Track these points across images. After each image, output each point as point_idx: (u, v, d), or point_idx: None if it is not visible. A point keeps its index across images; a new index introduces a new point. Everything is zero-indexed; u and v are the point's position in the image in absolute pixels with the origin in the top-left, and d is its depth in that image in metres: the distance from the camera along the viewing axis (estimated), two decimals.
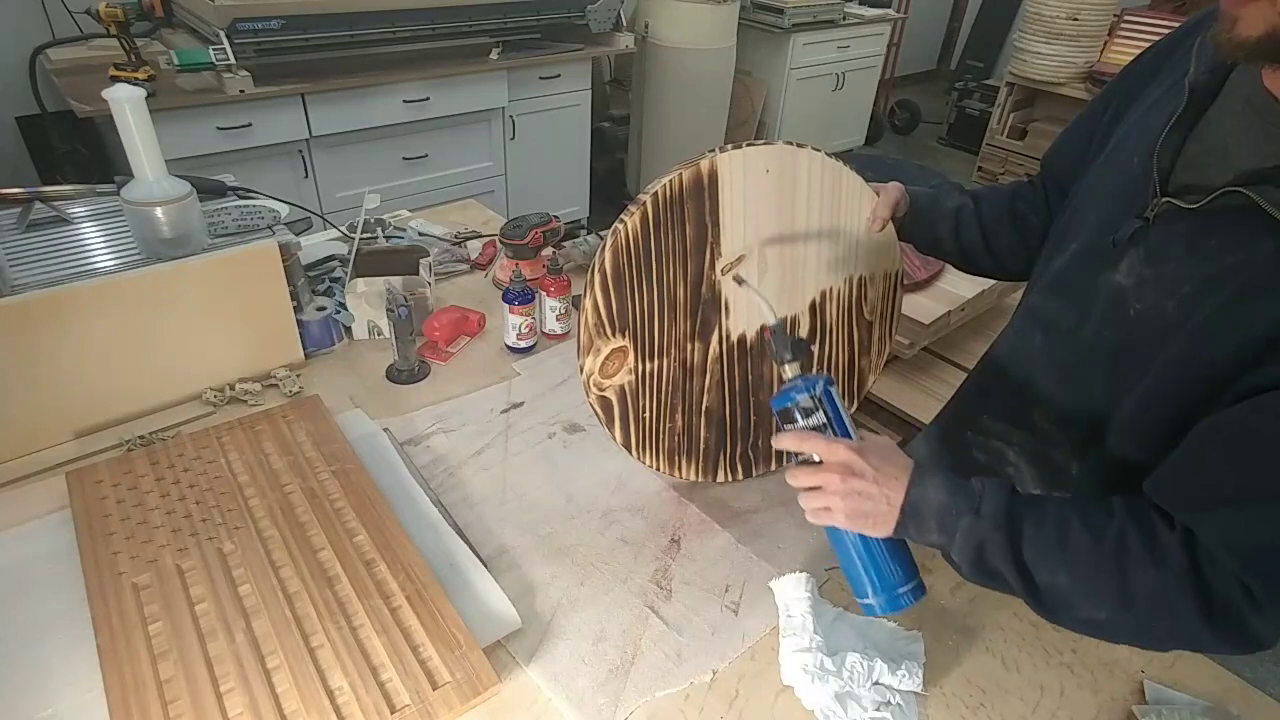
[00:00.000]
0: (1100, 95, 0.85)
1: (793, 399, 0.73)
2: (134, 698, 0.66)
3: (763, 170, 0.81)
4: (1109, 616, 0.65)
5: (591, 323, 0.81)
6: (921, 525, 0.68)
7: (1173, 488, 0.65)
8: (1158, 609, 0.63)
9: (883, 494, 0.68)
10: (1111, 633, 0.69)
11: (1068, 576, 0.65)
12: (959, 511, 0.67)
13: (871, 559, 0.71)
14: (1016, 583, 0.67)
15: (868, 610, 0.73)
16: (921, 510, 0.68)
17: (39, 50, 2.28)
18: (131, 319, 0.97)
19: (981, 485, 0.68)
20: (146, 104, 0.97)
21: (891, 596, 0.71)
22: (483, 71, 2.64)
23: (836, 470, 0.69)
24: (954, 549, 0.68)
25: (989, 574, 0.68)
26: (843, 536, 0.72)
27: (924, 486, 0.68)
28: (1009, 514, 0.66)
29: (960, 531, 0.67)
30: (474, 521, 0.91)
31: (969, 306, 1.69)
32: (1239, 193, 0.59)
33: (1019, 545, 0.66)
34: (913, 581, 0.72)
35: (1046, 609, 0.67)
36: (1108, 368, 0.75)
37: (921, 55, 5.98)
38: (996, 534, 0.66)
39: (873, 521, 0.69)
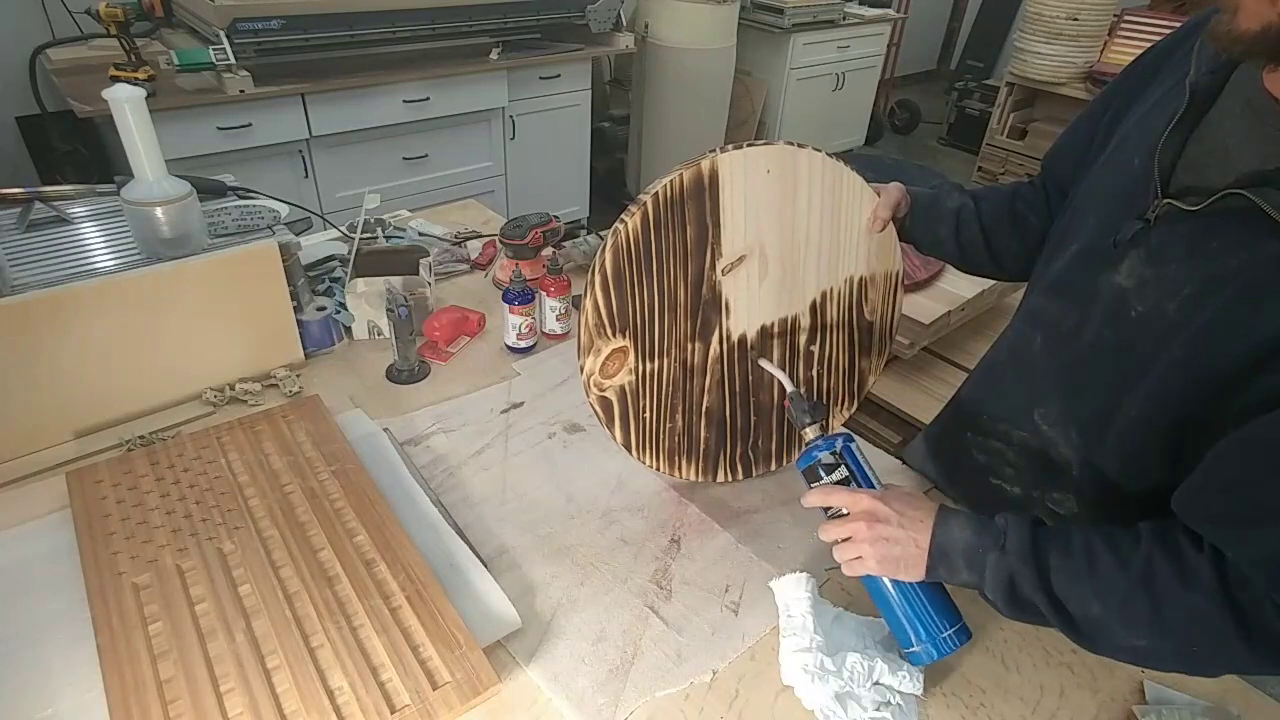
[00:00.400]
0: (1101, 96, 0.85)
1: (815, 457, 0.77)
2: (134, 698, 0.66)
3: (764, 170, 0.81)
4: (1149, 644, 0.65)
5: (592, 323, 0.81)
6: (951, 566, 0.70)
7: (1199, 506, 0.64)
8: (1195, 632, 0.62)
9: (910, 537, 0.70)
10: (1156, 660, 0.68)
11: (1100, 605, 0.65)
12: (985, 548, 0.68)
13: (911, 606, 0.73)
14: (1051, 615, 0.67)
15: (914, 659, 0.74)
16: (949, 550, 0.69)
17: (39, 50, 2.28)
18: (131, 319, 0.97)
19: (1005, 521, 0.69)
20: (146, 104, 0.97)
21: (936, 642, 0.72)
22: (483, 71, 2.64)
23: (862, 519, 0.72)
24: (986, 586, 0.69)
25: (1024, 607, 0.68)
26: (881, 587, 0.74)
27: (948, 526, 0.70)
28: (1034, 546, 0.67)
29: (989, 568, 0.68)
30: (474, 521, 0.91)
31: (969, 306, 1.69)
32: (1240, 195, 0.59)
33: (1048, 576, 0.66)
34: (956, 625, 0.73)
35: (1086, 639, 0.67)
36: (1108, 369, 0.74)
37: (921, 55, 5.98)
38: (1024, 567, 0.66)
39: (904, 565, 0.71)
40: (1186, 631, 0.63)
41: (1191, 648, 0.64)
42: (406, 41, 2.47)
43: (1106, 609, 0.65)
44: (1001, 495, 0.91)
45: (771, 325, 0.91)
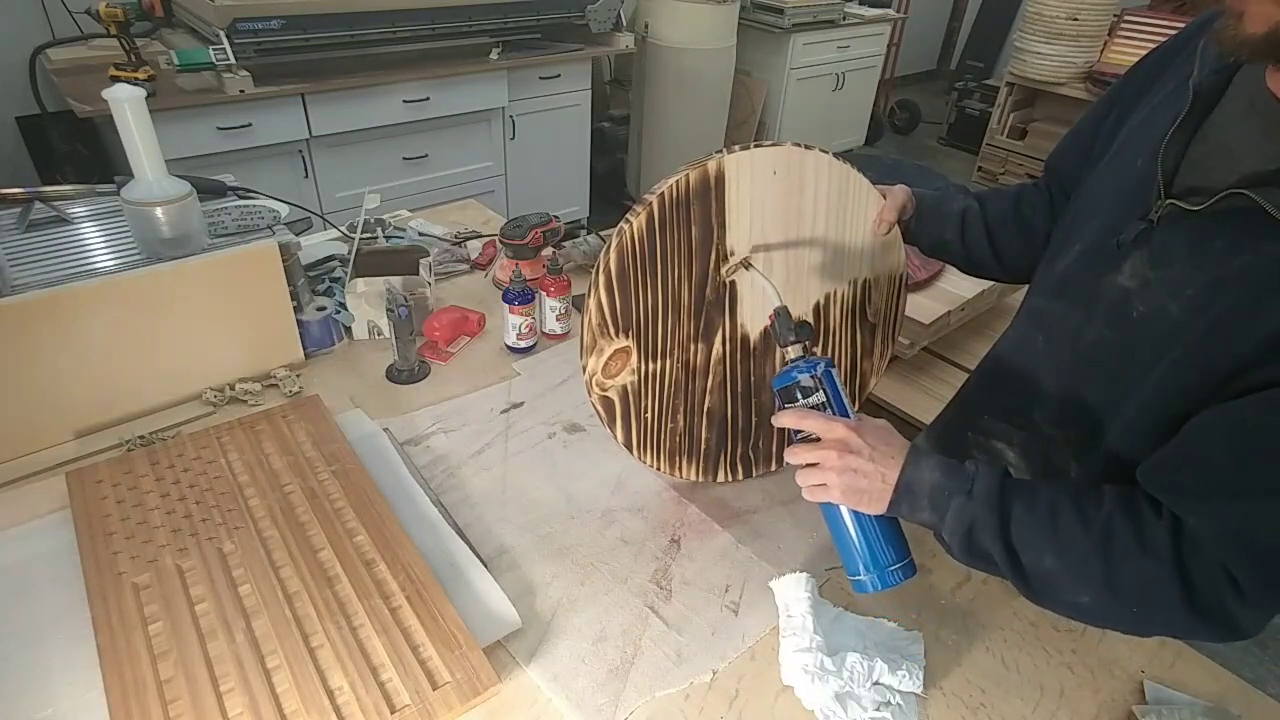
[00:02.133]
0: (1104, 97, 0.85)
1: (794, 378, 0.75)
2: (134, 698, 0.66)
3: (770, 172, 0.81)
4: (1093, 600, 0.67)
5: (595, 323, 0.81)
6: (914, 504, 0.70)
7: (1165, 476, 0.66)
8: (1142, 596, 0.64)
9: (878, 471, 0.70)
10: (1095, 616, 0.71)
11: (1055, 560, 0.66)
12: (951, 491, 0.69)
13: (864, 536, 0.73)
14: (1004, 563, 0.68)
15: (858, 587, 0.74)
16: (915, 489, 0.70)
17: (39, 50, 2.28)
18: (131, 319, 0.97)
19: (975, 467, 0.70)
20: (146, 104, 0.97)
21: (883, 573, 0.73)
22: (483, 71, 2.64)
23: (834, 447, 0.71)
24: (945, 528, 0.70)
25: (978, 554, 0.70)
26: (837, 513, 0.74)
27: (919, 466, 0.70)
28: (1001, 495, 0.68)
29: (952, 511, 0.69)
30: (474, 521, 0.91)
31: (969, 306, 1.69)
32: (1243, 195, 0.60)
33: (1008, 526, 0.67)
34: (904, 560, 0.74)
35: (1032, 591, 0.69)
36: (1109, 369, 0.75)
37: (921, 55, 5.98)
38: (988, 514, 0.68)
39: (867, 498, 0.71)
40: (1134, 593, 0.65)
41: (1133, 608, 0.66)
42: (406, 41, 2.47)
43: (1061, 564, 0.66)
44: None
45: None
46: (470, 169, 2.85)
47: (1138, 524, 0.64)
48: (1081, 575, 0.66)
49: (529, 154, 2.97)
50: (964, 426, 0.95)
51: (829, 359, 0.77)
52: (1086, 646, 0.82)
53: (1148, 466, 0.67)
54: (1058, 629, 0.83)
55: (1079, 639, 0.82)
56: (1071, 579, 0.66)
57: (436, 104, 2.59)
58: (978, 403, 0.95)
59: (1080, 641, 0.82)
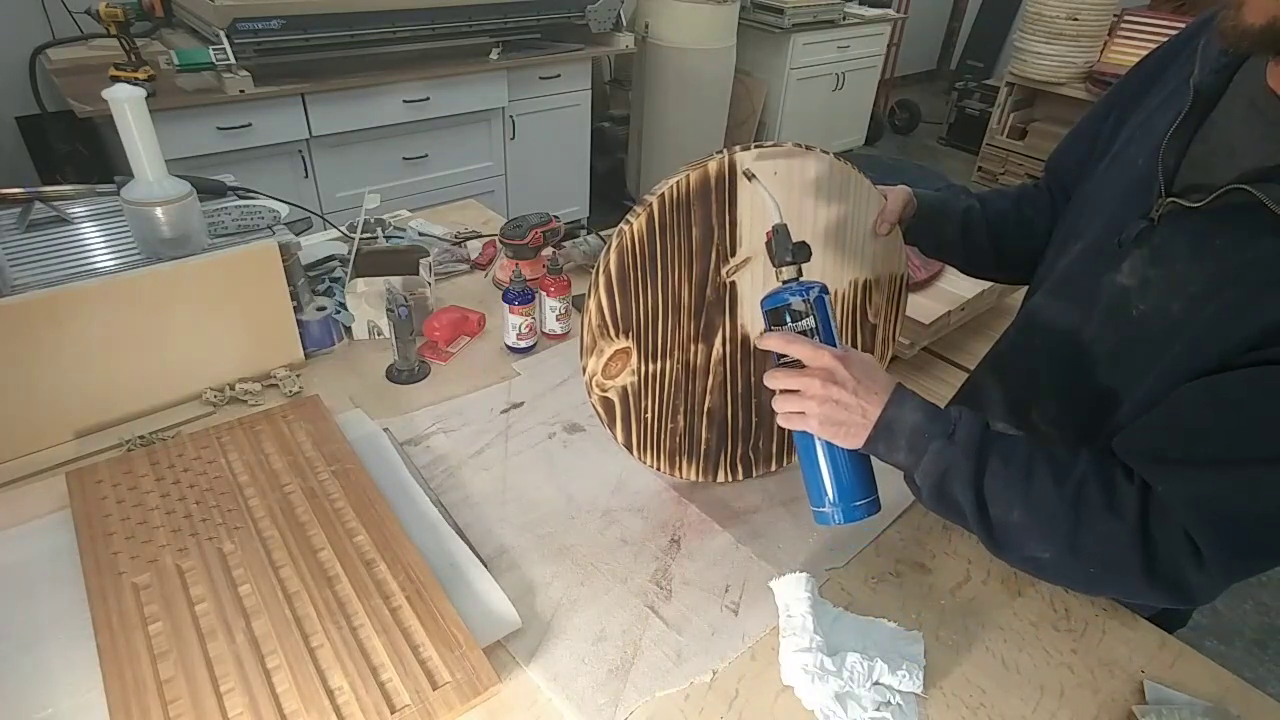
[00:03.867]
0: (1104, 98, 0.85)
1: (785, 300, 0.73)
2: (134, 698, 0.66)
3: (771, 172, 0.81)
4: (1052, 557, 0.67)
5: (595, 324, 0.81)
6: (892, 443, 0.70)
7: (1139, 442, 0.66)
8: (1102, 557, 0.65)
9: (860, 405, 0.69)
10: (1051, 572, 0.71)
11: (1023, 514, 0.67)
12: (932, 434, 0.69)
13: (835, 468, 0.73)
14: (972, 512, 0.68)
15: (820, 519, 0.74)
16: (895, 428, 0.69)
17: (39, 50, 2.29)
18: (131, 319, 0.97)
19: (959, 413, 0.70)
20: (146, 104, 0.97)
21: (849, 507, 0.73)
22: (483, 71, 2.64)
23: (818, 375, 0.70)
24: (918, 471, 0.70)
25: (946, 502, 0.70)
26: (810, 442, 0.73)
27: (902, 406, 0.70)
28: (980, 444, 0.68)
29: (929, 454, 0.69)
30: (474, 521, 0.91)
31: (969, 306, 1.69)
32: (1243, 190, 0.60)
33: (983, 476, 0.68)
34: (870, 496, 0.73)
35: (994, 543, 0.70)
36: (1109, 368, 0.75)
37: (921, 55, 5.98)
38: (965, 461, 0.68)
39: (845, 431, 0.70)
40: (1095, 554, 0.65)
41: (1091, 568, 0.67)
42: (406, 41, 2.47)
43: (1028, 518, 0.67)
44: None
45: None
46: (470, 169, 2.85)
47: (1109, 487, 0.65)
48: (1047, 532, 0.67)
49: (529, 154, 2.97)
50: None
51: (823, 285, 0.74)
52: (1086, 646, 0.82)
53: (1122, 435, 0.68)
54: (1057, 629, 0.83)
55: (1079, 639, 0.82)
56: (1036, 535, 0.67)
57: (436, 104, 2.59)
58: (977, 402, 0.95)
59: (1080, 641, 0.82)
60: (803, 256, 0.74)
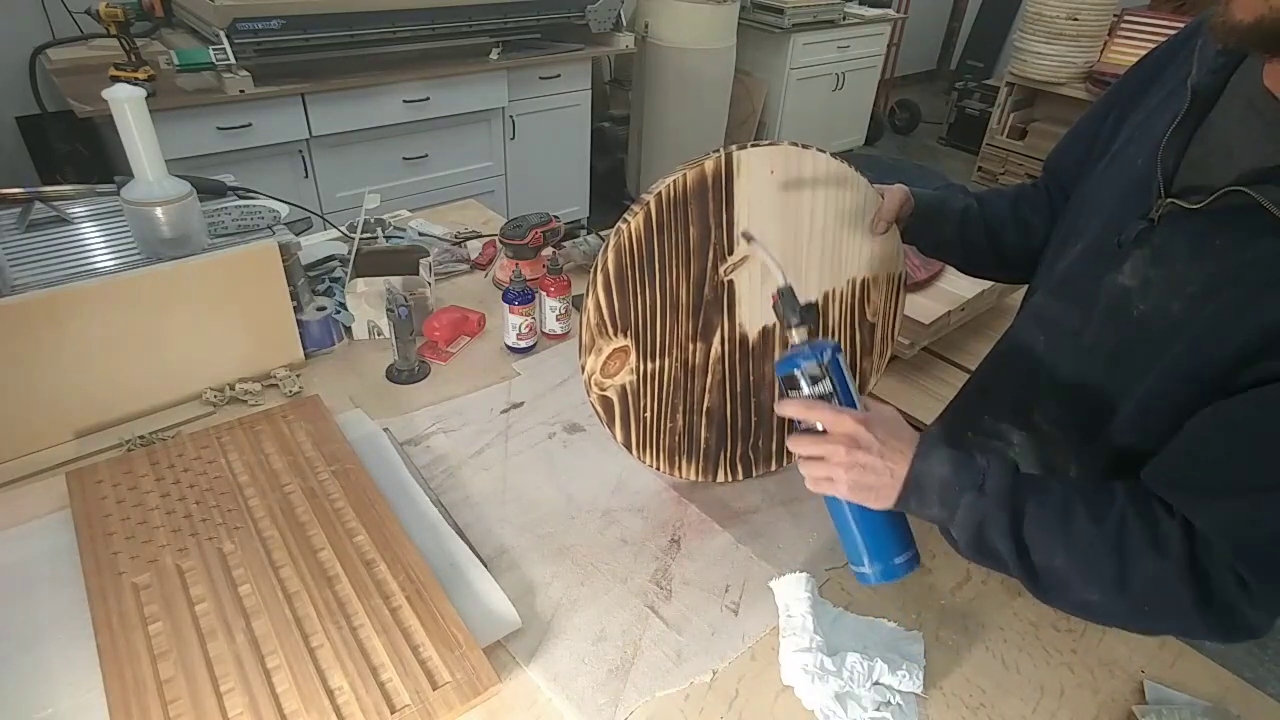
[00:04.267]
0: (1103, 98, 0.85)
1: (798, 365, 0.71)
2: (134, 698, 0.66)
3: (768, 171, 0.81)
4: (1102, 599, 0.66)
5: (594, 322, 0.81)
6: (923, 499, 0.68)
7: (1171, 476, 0.65)
8: (1154, 595, 0.64)
9: (886, 467, 0.68)
10: (1103, 615, 0.70)
11: (1066, 558, 0.65)
12: (962, 487, 0.67)
13: (869, 528, 0.71)
14: (1013, 561, 0.67)
15: (862, 579, 0.73)
16: (924, 484, 0.68)
17: (39, 50, 2.28)
18: (131, 319, 0.97)
19: (986, 462, 0.68)
20: (146, 104, 0.97)
21: (888, 566, 0.71)
22: (483, 71, 2.64)
23: (842, 442, 0.68)
24: (954, 525, 0.68)
25: (986, 552, 0.68)
26: (840, 504, 0.72)
27: (929, 460, 0.68)
28: (1013, 492, 0.66)
29: (962, 507, 0.67)
30: (474, 521, 0.91)
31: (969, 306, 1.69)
32: (1241, 192, 0.60)
33: (1020, 524, 0.66)
34: (909, 552, 0.72)
35: (1040, 588, 0.68)
36: (1110, 368, 0.75)
37: (921, 55, 5.98)
38: (999, 512, 0.66)
39: (875, 494, 0.69)
40: (1145, 593, 0.64)
41: (1144, 607, 0.65)
42: (406, 41, 2.47)
43: (1071, 562, 0.65)
44: None
45: (773, 326, 0.91)
46: (470, 169, 2.85)
47: (1150, 523, 0.64)
48: (1093, 574, 0.65)
49: (529, 154, 2.97)
50: (964, 426, 0.95)
51: (836, 344, 0.72)
52: (1086, 646, 0.82)
53: (1153, 467, 0.66)
54: (1058, 629, 0.83)
55: (1079, 639, 0.82)
56: (1082, 577, 0.65)
57: (436, 104, 2.58)
58: (978, 402, 0.95)
59: (1080, 641, 0.82)
60: (811, 318, 0.72)
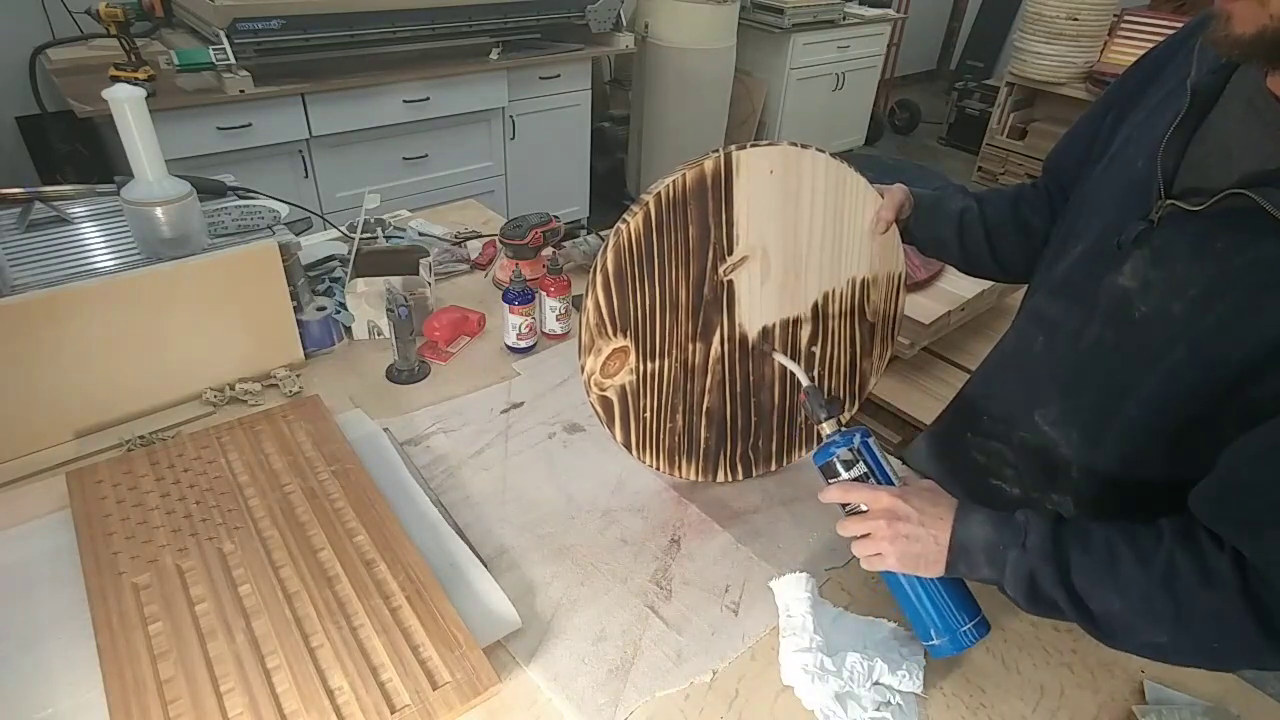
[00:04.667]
0: (1102, 98, 0.85)
1: (833, 454, 0.77)
2: (134, 698, 0.66)
3: (767, 171, 0.81)
4: (1171, 640, 0.65)
5: (593, 322, 0.81)
6: (971, 562, 0.70)
7: (1217, 507, 0.64)
8: (1216, 630, 0.63)
9: (930, 535, 0.70)
10: (1177, 655, 0.69)
11: (1121, 602, 0.65)
12: (1006, 545, 0.68)
13: (931, 600, 0.73)
14: (1071, 610, 0.67)
15: (935, 652, 0.74)
16: (969, 548, 0.69)
17: (39, 50, 2.29)
18: (131, 319, 0.97)
19: (1026, 518, 0.69)
20: (146, 104, 0.97)
21: (955, 635, 0.73)
22: (483, 71, 2.64)
23: (882, 516, 0.71)
24: (1006, 583, 0.69)
25: (1045, 603, 0.68)
26: (900, 581, 0.74)
27: (968, 524, 0.70)
28: (1055, 544, 0.67)
29: (1010, 565, 0.68)
30: (474, 521, 0.91)
31: (969, 306, 1.69)
32: (1242, 195, 0.60)
33: (1068, 573, 0.66)
34: (975, 618, 0.74)
35: (1106, 634, 0.68)
36: (1110, 370, 0.74)
37: (921, 55, 5.98)
38: (1045, 565, 0.66)
39: (924, 563, 0.71)
40: (1207, 629, 0.63)
41: (1212, 644, 0.64)
42: (406, 41, 2.47)
43: (1128, 606, 0.65)
44: (1001, 496, 0.91)
45: (773, 326, 0.91)
46: (470, 169, 2.85)
47: (1199, 558, 0.63)
48: (1151, 615, 0.64)
49: (529, 154, 2.97)
50: (964, 427, 0.95)
51: (864, 429, 0.78)
52: (1086, 646, 0.82)
53: (1196, 497, 0.66)
54: (1058, 629, 0.83)
55: (1079, 639, 0.82)
56: (1142, 620, 0.65)
57: (436, 104, 2.59)
58: (978, 403, 0.95)
59: (1080, 641, 0.82)
60: (837, 410, 0.80)
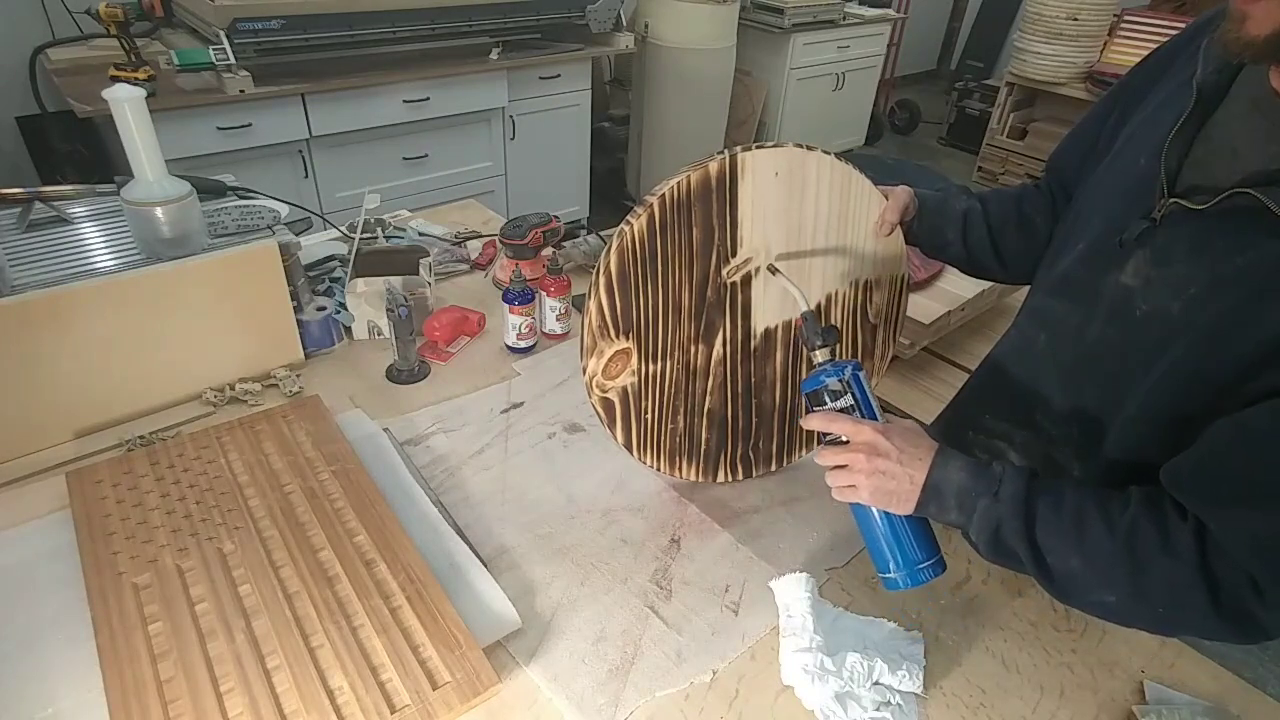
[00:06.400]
0: (1106, 97, 0.85)
1: (822, 382, 0.77)
2: (134, 698, 0.66)
3: (772, 173, 0.81)
4: (1119, 601, 0.67)
5: (595, 325, 0.81)
6: (942, 505, 0.71)
7: (1189, 481, 0.66)
8: (1168, 597, 0.65)
9: (906, 474, 0.71)
10: (1120, 616, 0.71)
11: (1081, 561, 0.67)
12: (978, 493, 0.70)
13: (895, 535, 0.74)
14: (1030, 564, 0.69)
15: (889, 585, 0.76)
16: (943, 490, 0.71)
17: (39, 50, 2.28)
18: (131, 319, 0.97)
19: (1002, 469, 0.71)
20: (146, 104, 0.97)
21: (913, 571, 0.74)
22: (483, 71, 2.64)
23: (863, 450, 0.72)
24: (972, 529, 0.71)
25: (1005, 553, 0.70)
26: (867, 513, 0.75)
27: (946, 468, 0.71)
28: (1027, 498, 0.69)
29: (979, 512, 0.70)
30: (474, 521, 0.91)
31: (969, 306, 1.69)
32: (1246, 194, 0.60)
33: (1034, 529, 0.68)
34: (934, 557, 0.75)
35: (1058, 590, 0.70)
36: (1111, 368, 0.75)
37: (921, 55, 5.98)
38: (1013, 517, 0.68)
39: (896, 500, 0.72)
40: (1160, 595, 0.65)
41: (1159, 609, 0.66)
42: (406, 41, 2.47)
43: (1087, 565, 0.67)
44: None
45: (776, 328, 0.91)
46: (470, 169, 2.85)
47: (1162, 527, 0.65)
48: (1107, 577, 0.67)
49: (529, 154, 2.97)
50: (965, 426, 0.95)
51: (857, 362, 0.78)
52: (1086, 646, 0.82)
53: (1172, 471, 0.67)
54: (1058, 629, 0.83)
55: (1079, 639, 0.82)
56: (1098, 581, 0.67)
57: (436, 104, 2.58)
58: (979, 402, 0.95)
59: (1080, 641, 0.82)
60: (832, 339, 0.78)
